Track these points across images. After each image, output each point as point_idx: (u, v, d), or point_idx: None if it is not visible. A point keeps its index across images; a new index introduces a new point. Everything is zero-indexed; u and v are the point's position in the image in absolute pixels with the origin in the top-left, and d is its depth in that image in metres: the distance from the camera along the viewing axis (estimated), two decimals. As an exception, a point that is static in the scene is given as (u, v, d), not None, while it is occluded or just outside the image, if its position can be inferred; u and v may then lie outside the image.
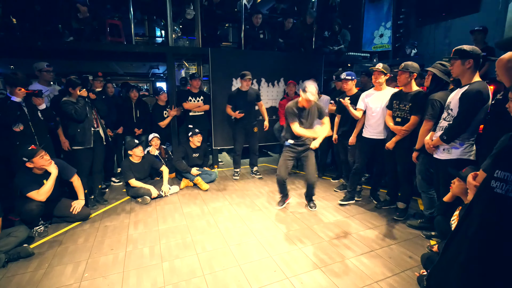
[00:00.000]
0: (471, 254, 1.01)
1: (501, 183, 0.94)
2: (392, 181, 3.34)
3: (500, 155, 1.00)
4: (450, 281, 1.08)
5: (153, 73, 9.06)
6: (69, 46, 4.27)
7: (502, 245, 0.93)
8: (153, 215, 3.35)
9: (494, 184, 0.96)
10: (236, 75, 5.00)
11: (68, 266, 2.38)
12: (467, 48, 2.22)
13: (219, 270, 2.32)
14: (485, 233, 0.98)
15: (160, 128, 4.67)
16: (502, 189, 0.93)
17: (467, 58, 2.22)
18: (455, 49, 2.28)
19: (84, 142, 3.34)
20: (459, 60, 2.26)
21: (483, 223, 1.00)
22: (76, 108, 3.20)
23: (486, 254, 0.97)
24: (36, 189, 2.78)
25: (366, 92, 3.43)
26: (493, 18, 4.45)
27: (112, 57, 5.65)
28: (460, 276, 1.03)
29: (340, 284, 2.14)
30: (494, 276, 0.93)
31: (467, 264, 1.02)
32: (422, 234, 2.86)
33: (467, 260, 1.02)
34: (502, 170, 0.94)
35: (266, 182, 4.51)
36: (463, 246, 1.06)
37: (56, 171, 2.91)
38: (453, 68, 2.32)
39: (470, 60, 2.21)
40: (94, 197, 3.61)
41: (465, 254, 1.03)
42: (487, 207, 1.00)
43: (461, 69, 2.27)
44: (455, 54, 2.28)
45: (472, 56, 2.21)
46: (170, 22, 4.79)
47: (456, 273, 1.05)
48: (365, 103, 3.38)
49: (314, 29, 5.86)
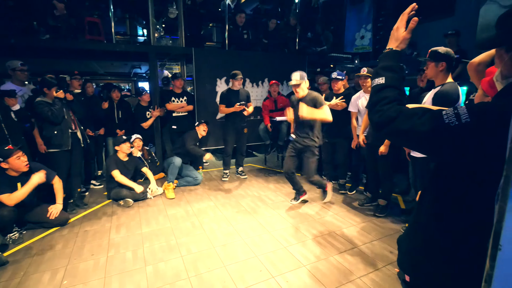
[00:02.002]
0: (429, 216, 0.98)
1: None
2: (373, 178, 3.44)
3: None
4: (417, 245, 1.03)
5: (135, 73, 8.85)
6: (45, 44, 4.09)
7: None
8: (136, 218, 3.27)
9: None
10: (220, 75, 4.98)
11: (45, 273, 2.28)
12: (441, 51, 2.32)
13: (204, 272, 2.30)
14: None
15: (142, 129, 4.57)
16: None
17: (440, 61, 2.32)
18: (430, 51, 2.38)
19: (62, 145, 3.21)
20: (433, 62, 2.36)
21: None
22: (52, 110, 3.08)
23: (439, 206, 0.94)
24: (8, 192, 2.64)
25: (356, 95, 3.54)
26: (466, 21, 4.67)
27: (91, 56, 5.46)
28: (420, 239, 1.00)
29: (325, 282, 2.18)
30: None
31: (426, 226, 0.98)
32: (402, 230, 2.96)
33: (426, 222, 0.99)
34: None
35: (251, 182, 4.51)
36: (422, 209, 1.00)
37: (37, 179, 2.79)
38: (427, 69, 2.43)
39: (443, 62, 2.32)
40: (73, 201, 3.48)
41: (425, 215, 1.00)
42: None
43: (435, 71, 2.37)
44: (429, 56, 2.38)
45: (445, 59, 2.31)
46: (152, 20, 4.70)
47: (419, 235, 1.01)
48: (357, 105, 3.49)
49: (298, 30, 5.94)
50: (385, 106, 0.91)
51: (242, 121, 4.40)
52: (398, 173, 3.87)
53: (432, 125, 0.79)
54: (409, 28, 1.04)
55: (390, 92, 0.94)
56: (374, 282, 2.18)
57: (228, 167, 4.62)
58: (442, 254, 0.89)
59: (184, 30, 5.02)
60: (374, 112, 0.94)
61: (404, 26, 1.05)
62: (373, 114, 0.95)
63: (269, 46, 5.69)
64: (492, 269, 0.58)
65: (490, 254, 0.58)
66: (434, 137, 0.80)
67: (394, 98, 0.92)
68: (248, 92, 4.54)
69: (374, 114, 0.94)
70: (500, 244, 0.57)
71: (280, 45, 5.82)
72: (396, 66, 1.00)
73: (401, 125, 0.85)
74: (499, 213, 0.58)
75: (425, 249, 0.95)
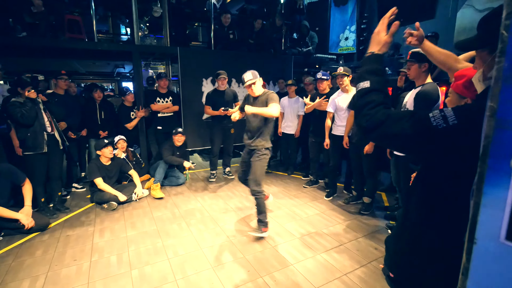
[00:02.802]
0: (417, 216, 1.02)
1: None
2: (358, 177, 3.51)
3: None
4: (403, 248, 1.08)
5: (118, 73, 8.64)
6: (22, 42, 3.93)
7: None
8: (120, 221, 3.19)
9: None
10: (206, 75, 4.94)
11: (24, 281, 2.19)
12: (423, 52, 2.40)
13: (191, 274, 2.27)
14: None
15: (127, 130, 4.47)
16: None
17: (423, 62, 2.40)
18: (412, 52, 2.45)
19: (36, 147, 3.08)
20: (416, 64, 2.43)
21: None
22: (22, 111, 2.93)
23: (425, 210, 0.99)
24: None
25: (335, 94, 3.60)
26: (444, 24, 4.86)
27: (72, 55, 5.29)
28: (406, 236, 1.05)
29: (312, 279, 2.21)
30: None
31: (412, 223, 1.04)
32: (386, 226, 3.04)
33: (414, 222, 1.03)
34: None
35: (238, 182, 4.49)
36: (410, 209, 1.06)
37: (23, 219, 2.78)
38: (410, 70, 2.49)
39: (426, 63, 2.39)
40: (54, 205, 3.36)
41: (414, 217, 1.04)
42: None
43: (418, 72, 2.45)
44: (412, 57, 2.44)
45: (427, 60, 2.39)
46: (136, 19, 4.60)
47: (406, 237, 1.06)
48: (335, 105, 3.54)
49: (283, 30, 5.98)
50: (372, 110, 0.92)
51: (228, 121, 4.37)
52: (382, 171, 3.98)
53: (420, 128, 0.81)
54: (390, 32, 1.06)
55: (376, 96, 0.95)
56: (360, 278, 2.23)
57: (215, 167, 4.58)
58: (430, 253, 0.92)
59: (169, 29, 4.96)
60: (362, 116, 0.95)
61: (385, 30, 1.07)
62: (360, 118, 0.95)
63: (255, 46, 5.70)
64: (468, 262, 0.61)
65: (466, 247, 0.61)
66: (422, 139, 0.82)
67: (380, 102, 0.93)
68: (235, 91, 4.50)
69: (361, 118, 0.95)
70: (475, 238, 0.59)
71: (266, 45, 5.84)
72: (379, 69, 1.01)
73: (390, 129, 0.87)
74: (474, 208, 0.60)
75: (413, 247, 0.98)
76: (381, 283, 2.16)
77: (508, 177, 0.56)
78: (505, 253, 0.56)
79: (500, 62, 0.57)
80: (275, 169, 5.12)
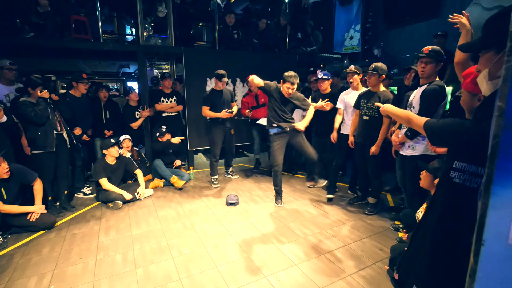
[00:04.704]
0: (434, 241, 1.09)
1: (459, 173, 1.02)
2: (363, 177, 3.49)
3: (458, 147, 1.08)
4: (416, 267, 1.16)
5: (123, 72, 8.71)
6: (29, 43, 3.98)
7: (460, 231, 1.01)
8: (125, 220, 3.22)
9: (452, 174, 1.04)
10: (210, 75, 4.94)
11: (31, 278, 2.22)
12: (442, 52, 2.36)
13: (196, 273, 2.28)
14: (445, 221, 1.06)
15: (132, 129, 4.50)
16: (460, 178, 1.02)
17: (440, 62, 2.36)
18: (432, 49, 2.33)
19: (46, 146, 3.12)
20: (433, 63, 2.35)
21: (443, 211, 1.08)
22: (36, 111, 2.98)
23: (447, 240, 1.04)
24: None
25: (345, 91, 3.59)
26: (451, 24, 4.79)
27: (78, 55, 5.35)
28: (425, 261, 1.11)
29: (316, 280, 2.20)
30: (455, 260, 1.00)
31: (430, 250, 1.10)
32: (391, 227, 3.01)
33: (430, 247, 1.10)
34: (459, 161, 1.02)
35: (242, 182, 4.51)
36: (427, 235, 1.13)
37: (37, 210, 2.93)
38: (426, 68, 2.40)
39: (441, 63, 2.36)
40: (60, 204, 3.40)
41: (429, 241, 1.10)
42: (446, 196, 1.09)
43: (433, 70, 2.39)
44: (430, 55, 2.33)
45: (443, 59, 2.36)
46: (141, 19, 4.63)
47: (421, 259, 1.13)
48: (344, 101, 3.52)
49: (288, 30, 5.96)
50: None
51: (229, 122, 4.34)
52: (387, 172, 3.95)
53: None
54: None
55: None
56: (364, 279, 2.21)
57: (216, 172, 4.35)
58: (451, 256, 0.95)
59: (174, 29, 4.98)
60: None
61: None
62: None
63: (260, 46, 5.70)
64: (476, 264, 0.60)
65: (474, 249, 0.60)
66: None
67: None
68: (231, 90, 4.45)
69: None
70: (483, 240, 0.59)
71: (270, 45, 5.84)
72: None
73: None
74: (481, 209, 0.59)
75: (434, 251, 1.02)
76: (386, 284, 2.15)
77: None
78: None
79: (509, 61, 0.56)
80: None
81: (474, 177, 0.97)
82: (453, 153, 1.09)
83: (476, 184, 0.96)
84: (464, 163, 1.00)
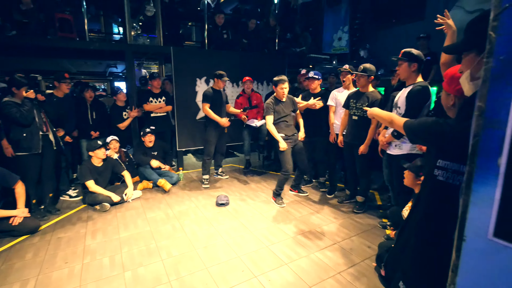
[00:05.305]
0: (419, 237, 1.12)
1: (442, 171, 1.06)
2: (352, 176, 3.54)
3: (442, 146, 1.11)
4: (402, 264, 1.19)
5: (110, 72, 8.55)
6: (11, 41, 3.85)
7: (444, 228, 1.04)
8: (113, 222, 3.16)
9: (436, 172, 1.08)
10: (200, 75, 4.91)
11: (14, 285, 2.15)
12: (414, 52, 2.43)
13: (185, 274, 2.26)
14: (430, 218, 1.10)
15: (119, 130, 4.41)
16: (443, 176, 1.05)
17: (413, 61, 2.43)
18: (404, 52, 2.48)
19: (31, 148, 3.03)
20: (406, 63, 2.47)
21: (428, 209, 1.11)
22: (21, 111, 2.89)
23: (431, 237, 1.07)
24: None
25: (336, 90, 3.64)
26: (435, 25, 4.92)
27: (63, 54, 5.21)
28: (411, 258, 1.14)
29: (306, 279, 2.22)
30: (439, 256, 1.03)
31: (416, 247, 1.13)
32: (379, 225, 3.07)
33: (416, 244, 1.13)
34: (443, 159, 1.06)
35: (232, 182, 4.49)
36: (413, 232, 1.17)
37: (19, 214, 2.82)
38: (400, 69, 2.53)
39: (415, 63, 2.43)
40: (45, 207, 3.30)
41: (414, 238, 1.14)
42: (431, 194, 1.12)
43: (408, 71, 2.48)
44: (403, 56, 2.48)
45: (417, 60, 2.43)
46: (129, 18, 4.56)
47: (407, 255, 1.16)
48: (335, 99, 3.57)
49: (277, 30, 5.99)
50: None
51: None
52: (375, 171, 4.01)
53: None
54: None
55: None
56: (353, 276, 2.25)
57: (208, 172, 4.30)
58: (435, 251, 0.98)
59: (162, 28, 4.92)
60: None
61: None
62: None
63: (249, 46, 5.70)
64: (457, 259, 0.62)
65: (456, 245, 0.62)
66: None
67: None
68: (225, 92, 4.46)
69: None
70: (464, 235, 0.60)
71: (259, 45, 5.85)
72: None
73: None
74: (463, 206, 0.61)
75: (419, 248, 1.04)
76: (373, 281, 2.19)
77: (496, 175, 0.57)
78: (493, 249, 0.57)
79: (488, 63, 0.58)
80: (269, 169, 5.13)
81: (456, 175, 1.00)
82: (437, 151, 1.12)
83: (458, 182, 0.99)
84: (447, 161, 1.04)
